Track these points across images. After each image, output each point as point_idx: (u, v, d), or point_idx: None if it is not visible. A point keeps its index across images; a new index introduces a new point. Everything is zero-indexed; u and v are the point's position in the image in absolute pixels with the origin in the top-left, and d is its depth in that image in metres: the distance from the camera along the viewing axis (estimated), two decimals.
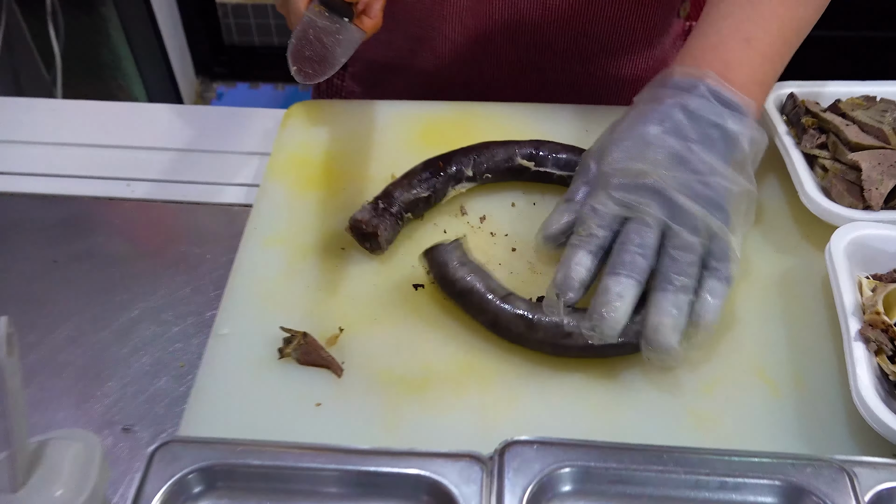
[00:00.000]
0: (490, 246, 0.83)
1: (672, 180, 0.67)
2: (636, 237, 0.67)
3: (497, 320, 0.71)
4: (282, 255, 0.81)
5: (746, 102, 0.75)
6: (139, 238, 0.87)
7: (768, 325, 0.76)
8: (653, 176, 0.68)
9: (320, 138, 0.94)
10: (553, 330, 0.69)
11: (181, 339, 0.77)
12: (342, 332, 0.75)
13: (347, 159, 0.92)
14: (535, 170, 0.86)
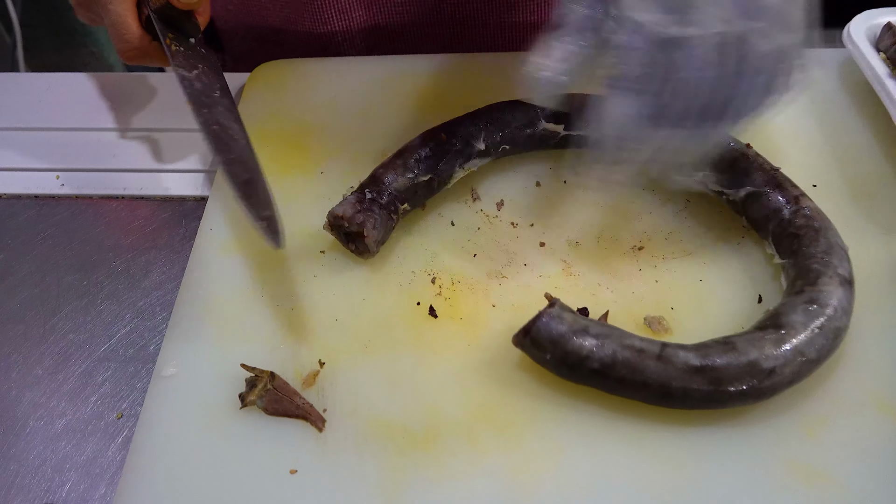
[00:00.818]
0: (511, 240, 0.64)
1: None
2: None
3: (669, 389, 0.51)
4: (244, 265, 0.63)
5: None
6: (64, 247, 0.69)
7: (885, 335, 0.57)
8: None
9: (292, 108, 0.75)
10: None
11: (117, 381, 0.59)
12: (323, 367, 0.57)
13: (327, 134, 0.73)
14: (566, 134, 0.67)
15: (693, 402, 0.51)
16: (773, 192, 0.61)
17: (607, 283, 0.61)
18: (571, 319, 0.52)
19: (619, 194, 0.66)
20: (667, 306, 0.60)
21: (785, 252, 0.60)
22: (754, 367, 0.51)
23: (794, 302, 0.55)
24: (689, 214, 0.66)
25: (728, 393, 0.51)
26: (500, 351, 0.57)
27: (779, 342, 0.52)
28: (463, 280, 0.62)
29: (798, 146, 0.69)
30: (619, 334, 0.52)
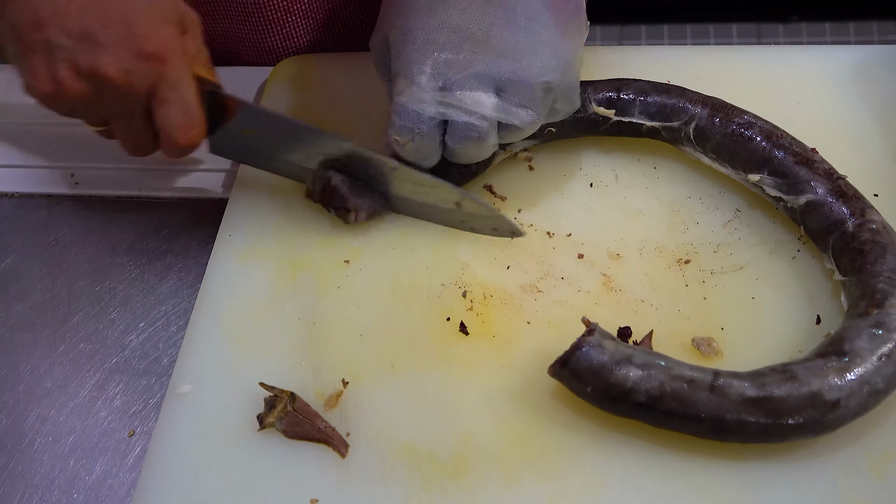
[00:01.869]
0: (547, 251, 0.60)
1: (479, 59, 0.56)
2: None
3: (723, 422, 0.47)
4: (264, 274, 0.60)
5: None
6: (76, 250, 0.66)
7: None
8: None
9: (316, 104, 0.72)
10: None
11: (129, 396, 0.56)
12: (346, 387, 0.54)
13: (352, 132, 0.69)
14: (617, 120, 0.63)
15: (749, 436, 0.47)
16: (835, 201, 0.57)
17: (651, 299, 0.57)
18: (613, 348, 0.48)
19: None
20: (716, 326, 0.55)
21: (846, 268, 0.55)
22: (816, 399, 0.47)
23: (859, 326, 0.50)
24: (740, 225, 0.61)
25: (787, 426, 0.47)
26: (535, 373, 0.53)
27: (843, 371, 0.48)
28: (496, 294, 0.58)
29: (857, 151, 0.64)
30: (667, 363, 0.48)
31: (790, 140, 0.60)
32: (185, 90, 0.54)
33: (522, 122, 0.57)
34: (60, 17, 0.51)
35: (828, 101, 0.69)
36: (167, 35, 0.53)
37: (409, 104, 0.56)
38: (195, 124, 0.55)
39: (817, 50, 0.74)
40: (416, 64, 0.56)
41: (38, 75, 0.52)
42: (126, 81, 0.52)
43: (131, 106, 0.54)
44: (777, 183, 0.59)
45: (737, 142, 0.60)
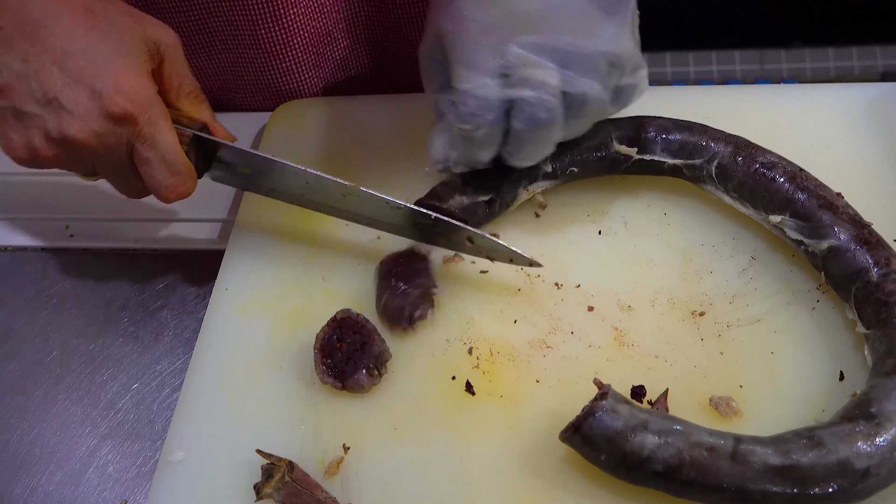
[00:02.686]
0: (555, 303, 0.58)
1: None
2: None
3: (746, 492, 0.44)
4: (262, 330, 0.58)
5: None
6: (70, 306, 0.64)
7: None
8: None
9: (314, 150, 0.70)
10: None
11: (121, 462, 0.54)
12: (347, 453, 0.51)
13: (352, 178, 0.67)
14: (639, 158, 0.61)
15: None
16: (859, 248, 0.54)
17: (665, 354, 0.55)
18: (628, 413, 0.45)
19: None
20: (735, 383, 0.53)
21: (870, 321, 0.53)
22: (845, 467, 0.44)
23: (886, 386, 0.48)
24: (756, 274, 0.59)
25: (814, 497, 0.44)
26: (545, 436, 0.50)
27: (872, 436, 0.45)
28: (503, 350, 0.56)
29: (874, 194, 0.62)
30: (685, 429, 0.45)
31: (815, 183, 0.58)
32: (163, 146, 0.52)
33: (589, 91, 0.54)
34: (22, 81, 0.49)
35: (841, 141, 0.67)
36: (134, 88, 0.51)
37: (475, 90, 0.54)
38: (181, 181, 0.54)
39: (826, 89, 0.72)
40: (476, 50, 0.54)
41: (12, 143, 0.51)
42: (100, 144, 0.50)
43: (111, 163, 0.53)
44: (799, 226, 0.57)
45: (759, 182, 0.59)
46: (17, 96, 0.49)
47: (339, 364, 0.53)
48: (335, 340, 0.54)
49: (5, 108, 0.50)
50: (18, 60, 0.49)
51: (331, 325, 0.55)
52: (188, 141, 0.54)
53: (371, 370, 0.53)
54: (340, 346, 0.54)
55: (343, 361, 0.53)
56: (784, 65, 2.39)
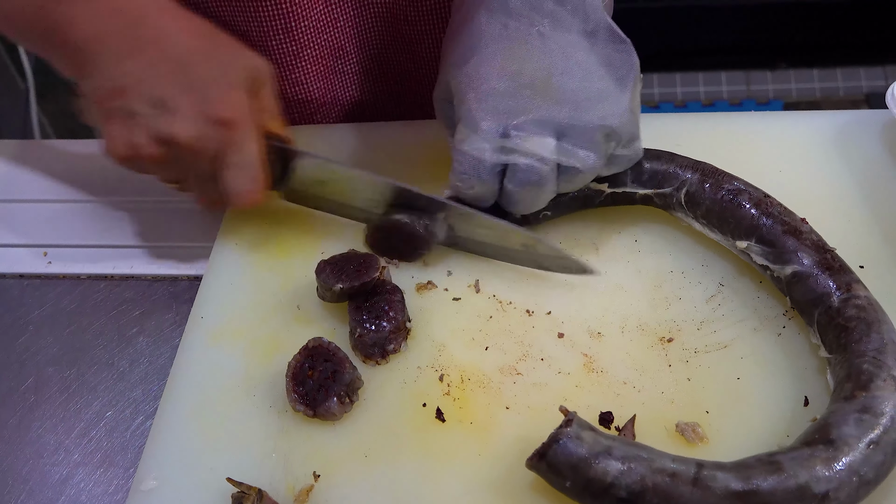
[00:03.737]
0: (526, 330, 0.59)
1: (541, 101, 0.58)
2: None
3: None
4: (236, 358, 0.58)
5: None
6: (46, 334, 0.64)
7: None
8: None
9: None
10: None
11: (94, 492, 0.54)
12: (318, 481, 0.51)
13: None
14: (611, 192, 0.63)
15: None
16: (821, 274, 0.55)
17: (634, 380, 0.55)
18: (592, 440, 0.46)
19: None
20: (701, 409, 0.54)
21: (831, 345, 0.54)
22: (805, 492, 0.45)
23: (845, 410, 0.49)
24: (724, 300, 0.60)
25: None
26: (514, 462, 0.51)
27: (830, 461, 0.46)
28: (474, 377, 0.56)
29: (841, 220, 0.63)
30: (648, 455, 0.46)
31: (780, 209, 0.59)
32: (249, 154, 0.57)
33: (584, 164, 0.57)
34: (138, 85, 0.55)
35: (810, 168, 0.68)
36: (236, 100, 0.57)
37: (470, 151, 0.57)
38: (255, 188, 0.58)
39: (796, 116, 0.74)
40: (477, 111, 0.57)
41: (116, 140, 0.56)
42: (197, 144, 0.56)
43: (201, 167, 0.58)
44: (764, 251, 0.58)
45: (726, 208, 0.60)
46: (131, 98, 0.55)
47: (311, 392, 0.54)
48: (307, 368, 0.55)
49: (117, 108, 0.55)
50: (141, 66, 0.55)
51: (302, 353, 0.55)
52: (273, 151, 0.60)
53: (342, 398, 0.54)
54: (312, 374, 0.54)
55: (314, 389, 0.54)
56: (770, 86, 2.42)
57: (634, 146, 0.60)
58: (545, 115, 0.57)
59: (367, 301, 0.58)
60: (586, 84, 0.58)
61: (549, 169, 0.57)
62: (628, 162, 0.61)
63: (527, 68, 0.58)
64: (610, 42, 0.60)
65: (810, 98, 2.35)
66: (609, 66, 0.59)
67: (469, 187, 0.58)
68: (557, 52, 0.58)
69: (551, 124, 0.57)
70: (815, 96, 2.35)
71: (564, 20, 0.59)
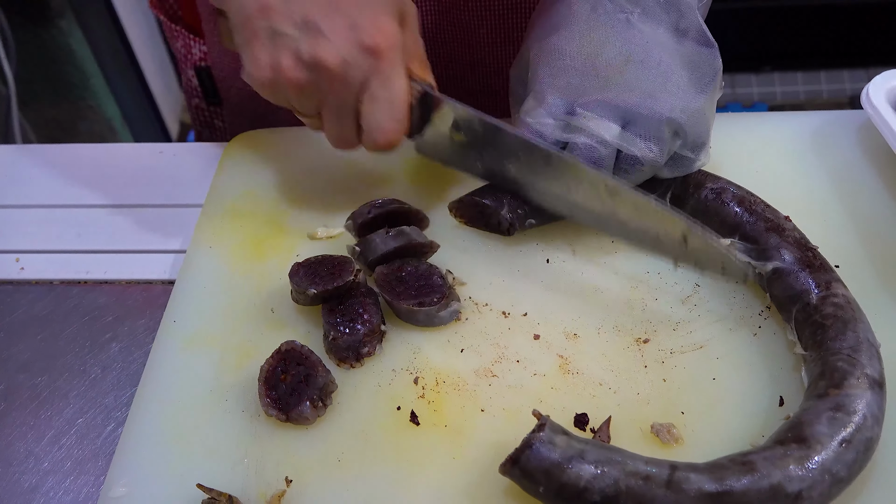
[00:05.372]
0: (501, 332, 0.58)
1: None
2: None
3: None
4: (208, 363, 0.58)
5: None
6: (17, 340, 0.63)
7: None
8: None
9: (268, 183, 0.70)
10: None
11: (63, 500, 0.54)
12: (290, 486, 0.51)
13: (304, 210, 0.68)
14: None
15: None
16: (801, 271, 0.55)
17: (609, 381, 0.55)
18: (565, 444, 0.45)
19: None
20: (676, 410, 0.53)
21: (807, 342, 0.54)
22: (778, 492, 0.45)
23: (818, 408, 0.49)
24: (700, 301, 0.59)
25: None
26: (488, 467, 0.50)
27: (803, 460, 0.46)
28: (448, 380, 0.56)
29: (817, 220, 0.63)
30: (621, 458, 0.45)
31: (763, 206, 0.59)
32: (396, 89, 0.54)
33: (644, 154, 0.56)
34: (286, 4, 0.52)
35: (788, 168, 0.68)
36: (387, 28, 0.53)
37: (533, 124, 0.57)
38: (398, 128, 0.55)
39: (775, 117, 0.74)
40: (547, 86, 0.57)
41: (259, 62, 0.53)
42: (343, 72, 0.53)
43: (343, 97, 0.55)
44: (747, 248, 0.58)
45: (710, 207, 0.60)
46: (277, 17, 0.52)
47: (284, 396, 0.53)
48: (280, 372, 0.54)
49: (262, 28, 0.53)
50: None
51: (275, 356, 0.55)
52: (417, 95, 0.56)
53: (315, 402, 0.53)
54: (285, 378, 0.54)
55: (287, 393, 0.53)
56: (755, 89, 2.43)
57: (702, 152, 0.59)
58: (613, 98, 0.56)
59: (342, 304, 0.57)
60: (662, 77, 0.57)
61: (607, 153, 0.56)
62: (691, 167, 0.59)
63: (605, 51, 0.57)
64: (697, 44, 0.59)
65: (794, 101, 2.36)
66: (691, 67, 0.58)
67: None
68: (640, 41, 0.57)
69: (618, 109, 0.56)
70: (800, 99, 2.37)
71: (656, 13, 0.59)
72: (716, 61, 0.59)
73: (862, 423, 0.47)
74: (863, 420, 0.48)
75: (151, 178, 0.75)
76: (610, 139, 0.56)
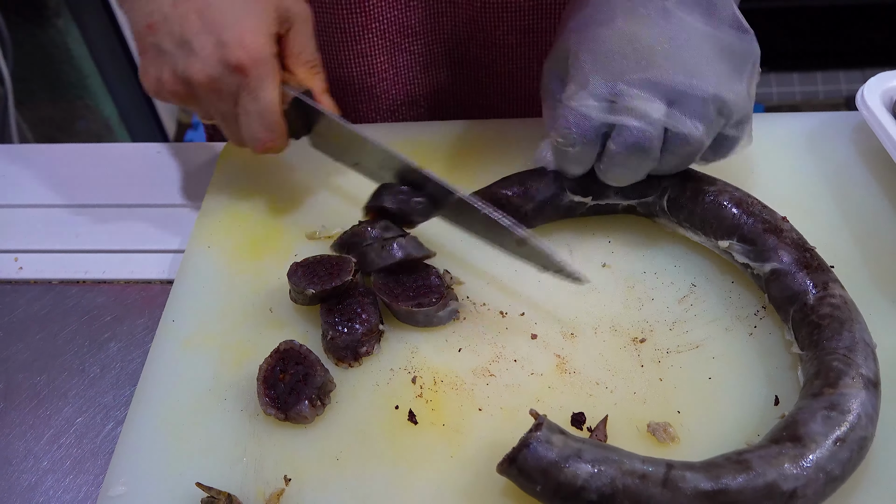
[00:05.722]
0: (499, 332, 0.59)
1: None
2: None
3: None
4: (207, 362, 0.58)
5: None
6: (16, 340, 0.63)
7: None
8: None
9: (266, 184, 0.71)
10: None
11: (63, 499, 0.54)
12: (288, 485, 0.51)
13: (301, 211, 0.68)
14: (594, 204, 0.63)
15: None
16: (799, 272, 0.56)
17: (606, 381, 0.56)
18: (562, 443, 0.46)
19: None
20: (672, 409, 0.54)
21: (804, 342, 0.54)
22: (772, 490, 0.45)
23: (813, 407, 0.49)
24: (696, 300, 0.60)
25: None
26: (486, 466, 0.51)
27: (798, 458, 0.46)
28: (446, 379, 0.56)
29: (812, 221, 0.64)
30: (618, 457, 0.46)
31: (760, 207, 0.60)
32: (263, 100, 0.58)
33: (691, 132, 0.56)
34: (166, 23, 0.57)
35: (783, 168, 0.69)
36: (252, 44, 0.57)
37: (578, 108, 0.57)
38: (271, 136, 0.60)
39: (770, 118, 0.74)
40: (591, 70, 0.57)
41: (148, 74, 0.59)
42: (213, 87, 0.57)
43: (220, 108, 0.59)
44: (745, 250, 0.58)
45: (708, 210, 0.60)
46: (160, 35, 0.57)
47: (282, 395, 0.53)
48: (278, 372, 0.54)
49: (149, 44, 0.58)
50: (169, 5, 0.57)
51: (274, 356, 0.55)
52: (289, 102, 0.60)
53: (314, 401, 0.53)
54: (283, 378, 0.54)
55: (286, 392, 0.53)
56: None
57: (745, 128, 0.59)
58: (658, 77, 0.56)
59: (340, 304, 0.58)
60: (704, 59, 0.57)
61: (656, 134, 0.56)
62: (736, 146, 0.59)
63: (645, 35, 0.57)
64: (733, 30, 0.59)
65: (791, 102, 2.37)
66: (728, 52, 0.58)
67: (570, 144, 0.57)
68: (678, 27, 0.57)
69: (663, 88, 0.56)
70: (796, 100, 2.37)
71: (691, 3, 0.59)
72: (752, 45, 0.59)
73: (856, 422, 0.48)
74: (857, 419, 0.48)
75: (150, 178, 0.75)
76: (657, 117, 0.55)
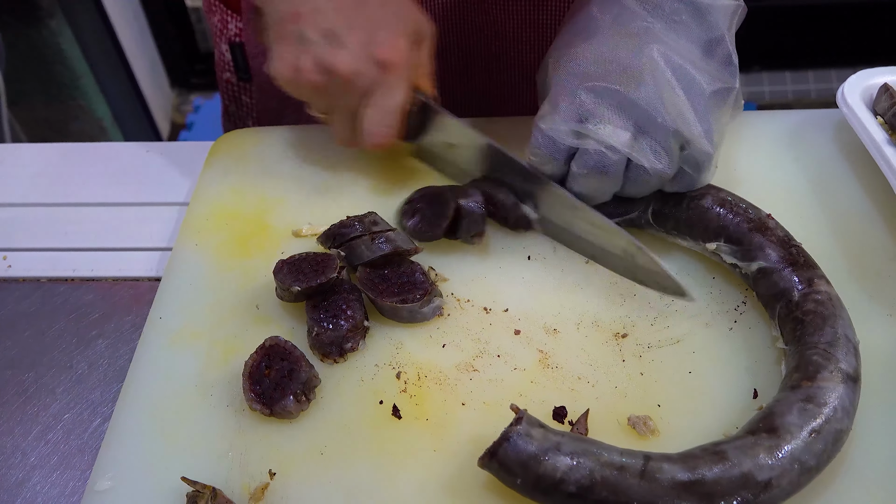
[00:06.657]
0: (483, 328, 0.59)
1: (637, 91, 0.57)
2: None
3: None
4: (194, 359, 0.58)
5: None
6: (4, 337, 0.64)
7: (891, 437, 0.52)
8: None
9: (253, 182, 0.71)
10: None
11: (50, 494, 0.54)
12: (273, 479, 0.52)
13: (289, 209, 0.69)
14: None
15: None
16: (785, 269, 0.56)
17: (588, 375, 0.56)
18: (541, 437, 0.46)
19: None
20: (653, 403, 0.54)
21: (788, 337, 0.55)
22: (748, 480, 0.46)
23: (790, 399, 0.50)
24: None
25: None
26: (468, 460, 0.51)
27: (773, 449, 0.47)
28: (430, 374, 0.57)
29: (794, 218, 0.64)
30: (596, 449, 0.47)
31: (745, 206, 0.60)
32: (395, 98, 0.61)
33: (652, 166, 0.57)
34: (315, 14, 0.58)
35: (764, 166, 0.69)
36: (400, 46, 0.60)
37: (546, 130, 0.59)
38: (388, 132, 0.62)
39: (753, 116, 0.75)
40: (562, 92, 0.59)
41: (284, 60, 0.60)
42: (352, 80, 0.59)
43: (350, 100, 0.61)
44: (732, 250, 0.59)
45: (693, 214, 0.60)
46: (305, 24, 0.59)
47: (268, 391, 0.54)
48: (264, 367, 0.55)
49: (291, 32, 0.59)
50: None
51: (259, 352, 0.55)
52: (418, 104, 0.63)
53: (299, 396, 0.54)
54: (269, 373, 0.55)
55: (271, 388, 0.54)
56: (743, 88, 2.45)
57: (703, 172, 0.59)
58: (628, 103, 0.57)
59: (325, 300, 0.58)
60: (675, 90, 0.57)
61: (616, 160, 0.57)
62: (692, 184, 0.59)
63: (622, 59, 0.58)
64: (720, 62, 0.60)
65: (783, 100, 2.38)
66: (708, 85, 0.58)
67: (541, 163, 0.60)
68: (659, 52, 0.58)
69: (633, 114, 0.57)
70: (788, 98, 2.38)
71: (681, 26, 0.60)
72: (732, 80, 0.60)
73: (832, 414, 0.49)
74: (833, 412, 0.49)
75: (138, 177, 0.76)
76: (619, 147, 0.57)
